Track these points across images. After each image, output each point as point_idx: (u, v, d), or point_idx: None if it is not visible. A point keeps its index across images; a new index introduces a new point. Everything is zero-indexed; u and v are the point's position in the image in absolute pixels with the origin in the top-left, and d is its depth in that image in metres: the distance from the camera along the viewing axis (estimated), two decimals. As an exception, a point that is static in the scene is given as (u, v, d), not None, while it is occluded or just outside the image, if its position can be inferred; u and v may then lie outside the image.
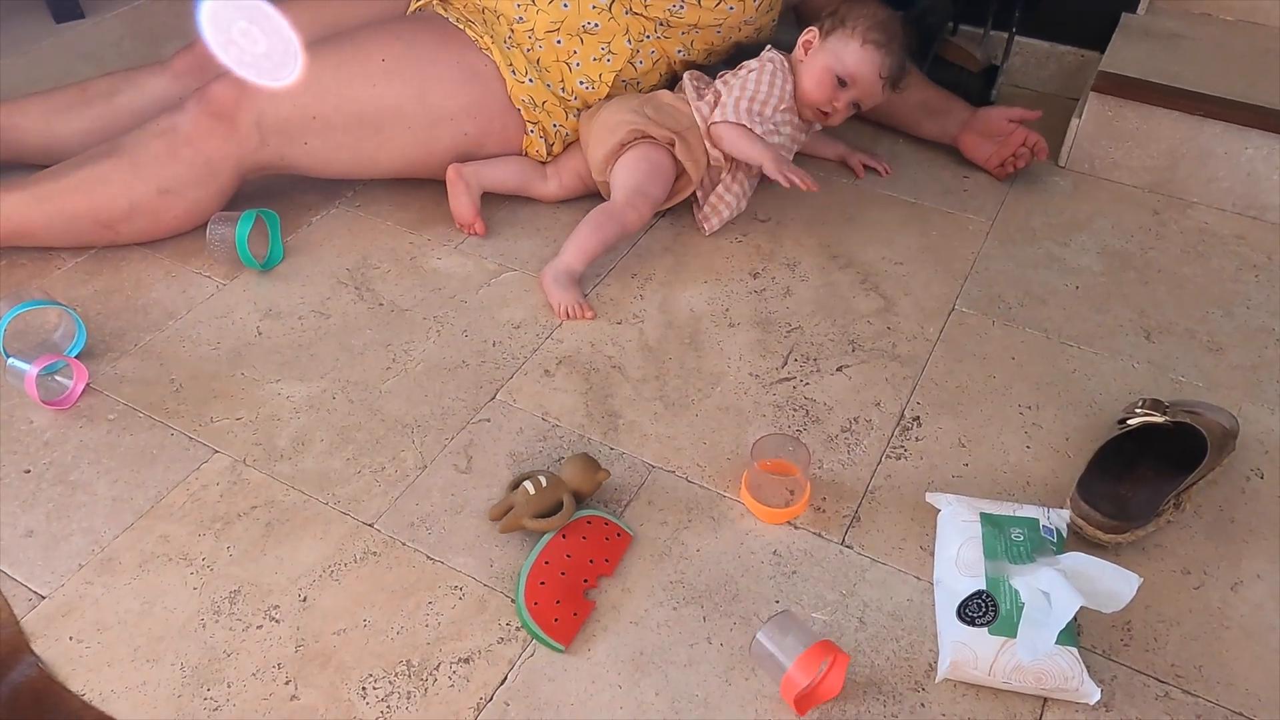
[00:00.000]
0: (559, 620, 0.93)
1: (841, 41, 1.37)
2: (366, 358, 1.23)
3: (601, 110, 1.42)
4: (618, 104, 1.41)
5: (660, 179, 1.38)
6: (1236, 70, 1.52)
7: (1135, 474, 1.06)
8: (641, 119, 1.38)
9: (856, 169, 1.56)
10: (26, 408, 1.15)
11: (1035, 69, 1.81)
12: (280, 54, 1.31)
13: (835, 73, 1.37)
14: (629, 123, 1.37)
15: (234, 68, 1.31)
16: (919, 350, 1.26)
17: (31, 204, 1.30)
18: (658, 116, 1.39)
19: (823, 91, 1.39)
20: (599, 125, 1.40)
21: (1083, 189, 1.56)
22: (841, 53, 1.37)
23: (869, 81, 1.38)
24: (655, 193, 1.37)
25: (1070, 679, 0.86)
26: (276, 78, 1.30)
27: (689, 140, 1.39)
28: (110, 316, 1.28)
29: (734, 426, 1.15)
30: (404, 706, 0.88)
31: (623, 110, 1.39)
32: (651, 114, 1.39)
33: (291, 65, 1.30)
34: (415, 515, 1.04)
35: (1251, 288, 1.38)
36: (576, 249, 1.32)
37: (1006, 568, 0.92)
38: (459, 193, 1.39)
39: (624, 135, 1.37)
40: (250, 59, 1.31)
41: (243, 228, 1.31)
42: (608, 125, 1.39)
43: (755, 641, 0.88)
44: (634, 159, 1.38)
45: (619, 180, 1.38)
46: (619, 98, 1.44)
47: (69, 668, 0.90)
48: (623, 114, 1.39)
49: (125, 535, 1.02)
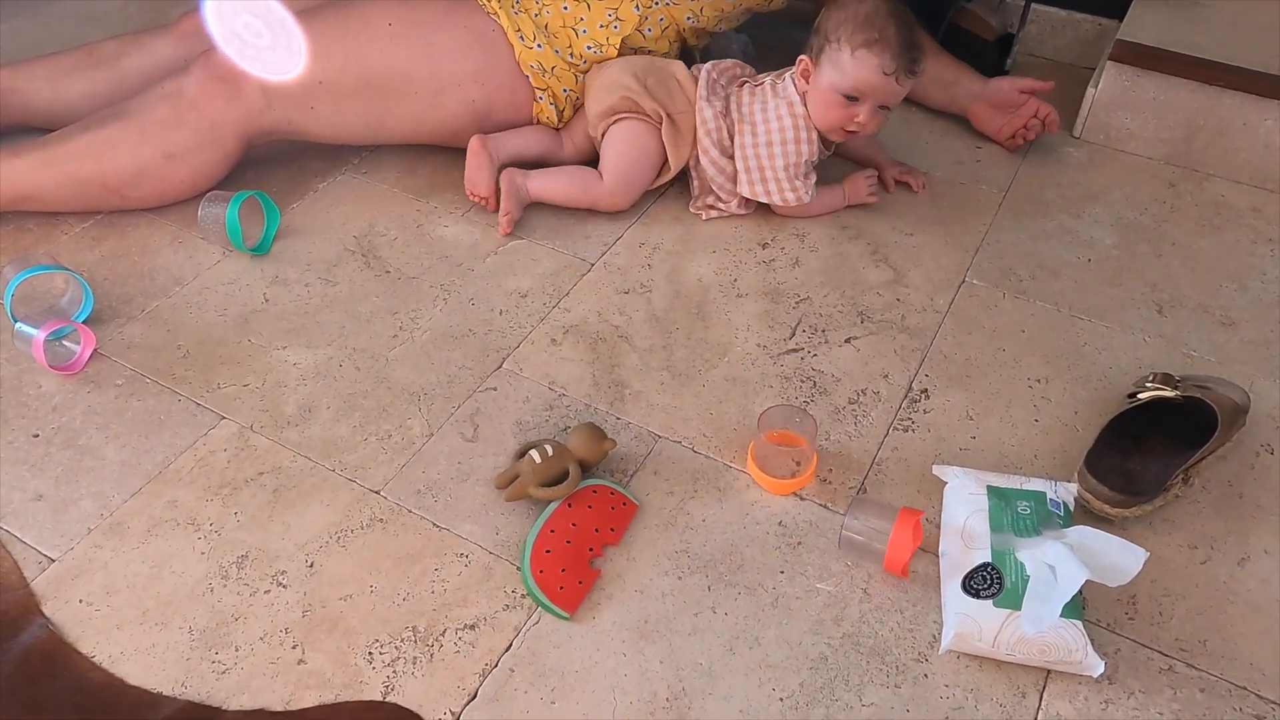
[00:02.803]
0: (564, 588, 0.93)
1: (832, 59, 1.27)
2: (373, 325, 1.23)
3: (605, 67, 1.39)
4: (623, 64, 1.38)
5: (647, 164, 1.37)
6: (1258, 40, 1.50)
7: (1144, 448, 1.05)
8: (638, 88, 1.34)
9: (888, 184, 1.45)
10: (35, 372, 1.15)
11: (1051, 37, 1.78)
12: (285, 46, 1.29)
13: (840, 92, 1.28)
14: (625, 88, 1.34)
15: (238, 61, 1.29)
16: (928, 322, 1.25)
17: (38, 168, 1.29)
18: (657, 89, 1.35)
19: (835, 114, 1.30)
20: (599, 82, 1.38)
21: (1097, 160, 1.54)
22: (837, 70, 1.27)
23: (877, 86, 1.27)
24: (640, 180, 1.38)
25: (1074, 652, 0.86)
26: (281, 71, 1.29)
27: (678, 125, 1.35)
28: (117, 282, 1.28)
29: (741, 397, 1.15)
30: (410, 672, 0.88)
31: (625, 73, 1.36)
32: (652, 84, 1.35)
33: (296, 57, 1.28)
34: (422, 483, 1.04)
35: (1266, 261, 1.36)
36: (545, 186, 1.36)
37: (1012, 540, 0.92)
38: (482, 164, 1.36)
39: (616, 101, 1.35)
40: (255, 52, 1.30)
41: (233, 208, 1.28)
42: (605, 84, 1.37)
43: (843, 537, 0.96)
44: (623, 137, 1.36)
45: (608, 159, 1.37)
46: (627, 57, 1.40)
47: (78, 630, 0.91)
48: (623, 76, 1.35)
49: (134, 500, 1.02)
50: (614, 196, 1.37)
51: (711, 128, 1.35)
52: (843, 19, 1.26)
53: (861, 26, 1.25)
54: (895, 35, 1.25)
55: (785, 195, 1.34)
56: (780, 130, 1.32)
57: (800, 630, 0.92)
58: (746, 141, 1.33)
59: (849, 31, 1.25)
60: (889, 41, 1.25)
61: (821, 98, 1.30)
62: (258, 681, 0.88)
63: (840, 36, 1.26)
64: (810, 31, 1.31)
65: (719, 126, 1.35)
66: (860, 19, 1.25)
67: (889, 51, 1.25)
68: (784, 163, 1.32)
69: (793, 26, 1.77)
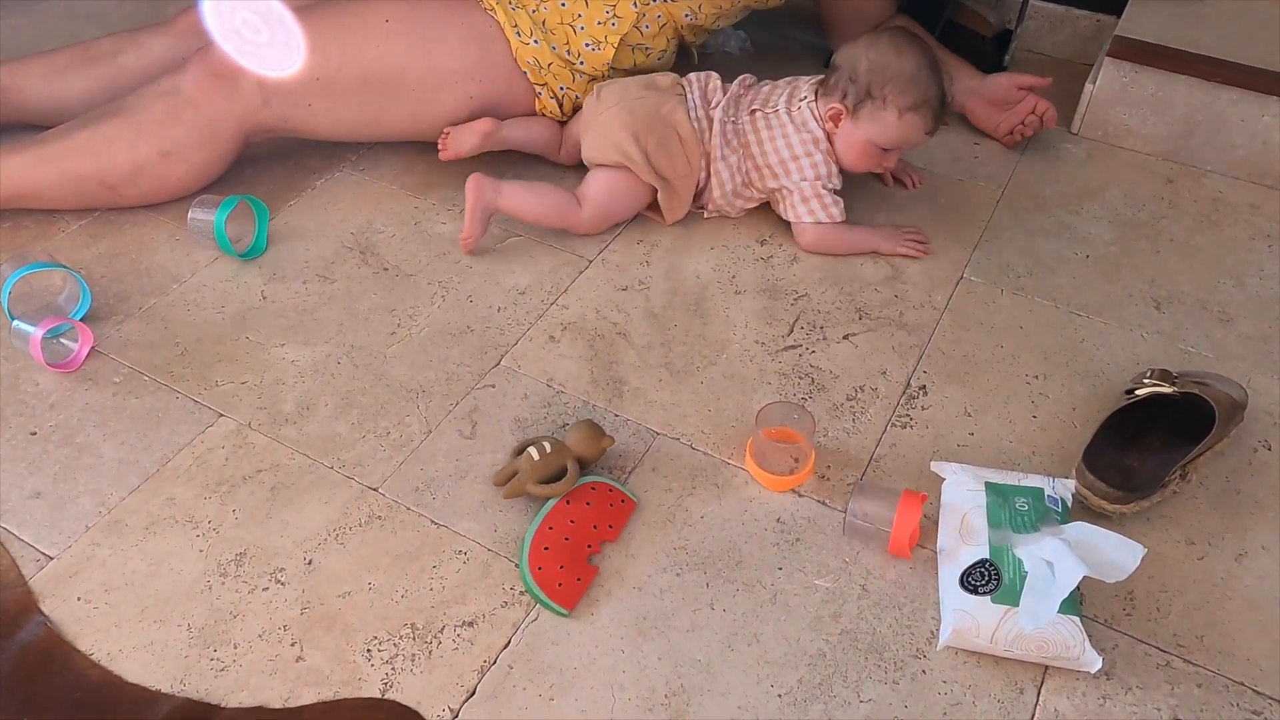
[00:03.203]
0: (562, 585, 0.93)
1: (875, 116, 1.25)
2: (371, 322, 1.22)
3: (605, 113, 1.31)
4: (623, 116, 1.29)
5: (632, 205, 1.34)
6: (1256, 36, 1.49)
7: (1142, 445, 1.05)
8: (638, 156, 1.28)
9: (886, 179, 1.45)
10: (32, 370, 1.15)
11: (1050, 33, 1.78)
12: (282, 42, 1.29)
13: (878, 145, 1.27)
14: (624, 154, 1.28)
15: (236, 58, 1.29)
16: (926, 319, 1.25)
17: (35, 165, 1.29)
18: (658, 154, 1.29)
19: (868, 162, 1.30)
20: (597, 129, 1.31)
21: (1095, 157, 1.54)
22: (880, 128, 1.25)
23: (915, 143, 1.29)
24: (620, 216, 1.35)
25: (1072, 648, 0.86)
26: (279, 67, 1.28)
27: (676, 188, 1.32)
28: (114, 279, 1.27)
29: (739, 394, 1.15)
30: (408, 669, 0.88)
31: (624, 130, 1.28)
32: (653, 148, 1.28)
33: (294, 54, 1.28)
34: (420, 480, 1.04)
35: (1264, 257, 1.36)
36: (518, 202, 1.30)
37: (1010, 537, 0.92)
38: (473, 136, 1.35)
39: (613, 163, 1.30)
40: (252, 48, 1.29)
41: (221, 214, 1.26)
42: (603, 138, 1.30)
43: (848, 523, 0.98)
44: (615, 180, 1.31)
45: (593, 192, 1.32)
46: (629, 102, 1.31)
47: (77, 628, 0.91)
48: (623, 135, 1.28)
49: (132, 497, 1.02)
50: (589, 226, 1.33)
51: (726, 181, 1.33)
52: (887, 77, 1.23)
53: (908, 88, 1.23)
54: (938, 96, 1.25)
55: (832, 212, 1.30)
56: (813, 166, 1.30)
57: (798, 627, 0.92)
58: (784, 182, 1.31)
59: (895, 92, 1.23)
60: (933, 104, 1.25)
61: (858, 148, 1.28)
62: (256, 679, 0.88)
63: (886, 96, 1.23)
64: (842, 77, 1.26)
65: (735, 182, 1.33)
66: (905, 79, 1.23)
67: (933, 114, 1.26)
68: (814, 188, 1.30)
69: (791, 25, 1.77)
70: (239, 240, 1.30)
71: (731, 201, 1.35)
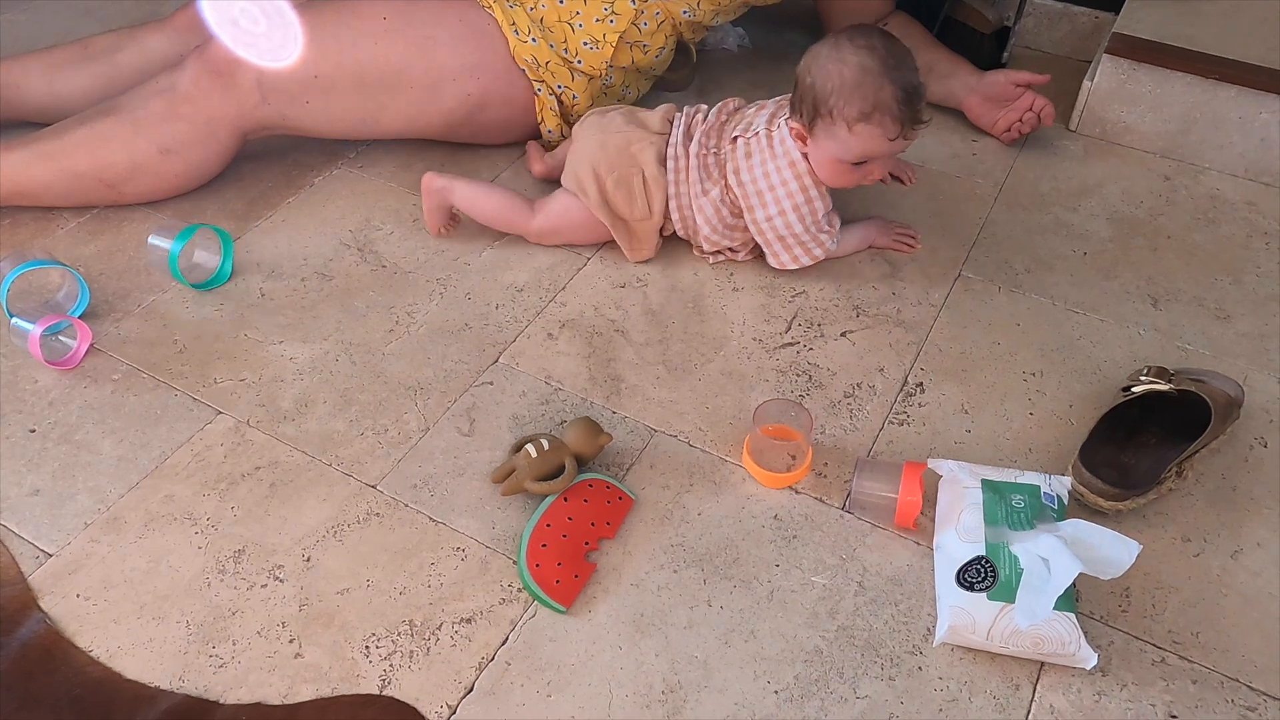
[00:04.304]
0: (560, 582, 0.94)
1: (829, 132, 1.14)
2: (369, 320, 1.23)
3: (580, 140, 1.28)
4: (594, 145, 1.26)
5: (585, 235, 1.31)
6: (1255, 33, 1.49)
7: (1138, 442, 1.06)
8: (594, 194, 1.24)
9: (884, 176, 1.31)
10: (31, 367, 1.15)
11: (1048, 30, 1.78)
12: (281, 37, 1.29)
13: (844, 161, 1.17)
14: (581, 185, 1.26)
15: (235, 52, 1.29)
16: (924, 316, 1.25)
17: (33, 162, 1.29)
18: (615, 194, 1.24)
19: (846, 178, 1.19)
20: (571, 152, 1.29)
21: (1093, 153, 1.54)
22: (837, 144, 1.15)
23: (884, 151, 1.16)
24: (571, 240, 1.32)
25: (1067, 644, 0.87)
26: (277, 58, 1.28)
27: (634, 230, 1.28)
28: (113, 277, 1.28)
29: (737, 391, 1.15)
30: (406, 665, 0.89)
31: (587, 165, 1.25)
32: (610, 187, 1.24)
33: (292, 48, 1.28)
34: (418, 477, 1.05)
35: (1261, 255, 1.36)
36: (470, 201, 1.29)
37: (1007, 534, 0.93)
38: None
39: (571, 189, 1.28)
40: (251, 39, 1.29)
41: (178, 244, 1.21)
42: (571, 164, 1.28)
43: (851, 500, 1.01)
44: (570, 206, 1.28)
45: (551, 206, 1.29)
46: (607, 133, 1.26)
47: (76, 625, 0.91)
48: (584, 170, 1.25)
49: (130, 494, 1.02)
50: (537, 236, 1.31)
51: (714, 220, 1.25)
52: (829, 89, 1.12)
53: (852, 96, 1.11)
54: (891, 96, 1.11)
55: (814, 253, 1.25)
56: (789, 196, 1.20)
57: (795, 623, 0.93)
58: (759, 216, 1.22)
59: (840, 104, 1.12)
60: (886, 106, 1.11)
61: (828, 166, 1.18)
62: (255, 675, 0.88)
63: (832, 109, 1.12)
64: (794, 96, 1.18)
65: (720, 215, 1.25)
66: (849, 88, 1.11)
67: (889, 116, 1.11)
68: (802, 226, 1.22)
69: (789, 29, 1.77)
70: (196, 268, 1.26)
71: (727, 235, 1.27)
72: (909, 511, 0.99)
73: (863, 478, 1.01)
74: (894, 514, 0.99)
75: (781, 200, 1.21)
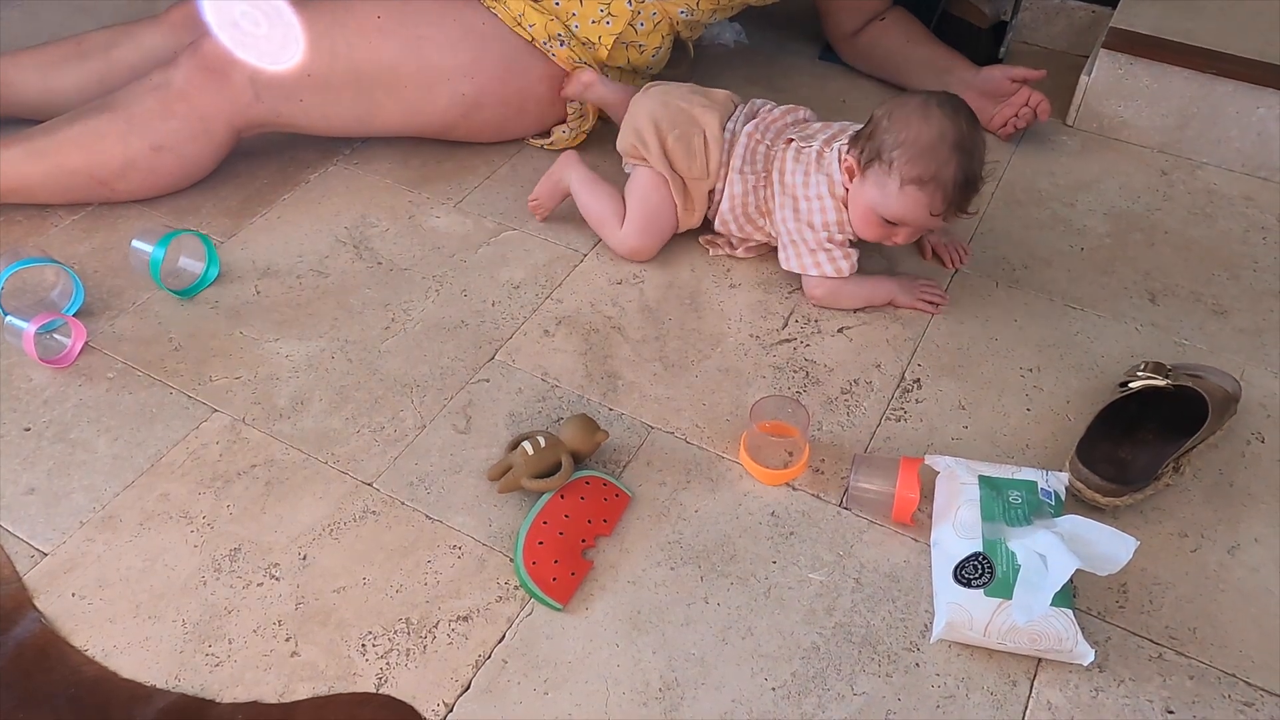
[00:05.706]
0: (557, 579, 0.94)
1: (879, 180, 1.12)
2: (365, 317, 1.22)
3: (644, 95, 1.30)
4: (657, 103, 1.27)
5: (666, 214, 1.28)
6: (1251, 28, 1.49)
7: (1135, 437, 1.06)
8: (654, 145, 1.24)
9: (924, 250, 1.32)
10: (25, 366, 1.15)
11: (1045, 25, 1.78)
12: (276, 35, 1.28)
13: (879, 214, 1.14)
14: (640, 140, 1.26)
15: (234, 50, 1.28)
16: (920, 312, 1.25)
17: (27, 159, 1.29)
18: (675, 149, 1.24)
19: (872, 231, 1.17)
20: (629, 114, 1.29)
21: (1090, 149, 1.54)
22: (881, 194, 1.12)
23: (921, 223, 1.14)
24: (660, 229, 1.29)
25: (1065, 640, 0.87)
26: (271, 60, 1.27)
27: (689, 190, 1.27)
28: (108, 274, 1.27)
29: (733, 388, 1.15)
30: (403, 663, 0.89)
31: (648, 119, 1.26)
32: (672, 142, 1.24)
33: (287, 47, 1.27)
34: (414, 475, 1.04)
35: (1259, 250, 1.36)
36: (577, 188, 1.30)
37: (1004, 530, 0.92)
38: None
39: (628, 147, 1.28)
40: (251, 40, 1.29)
41: (159, 249, 1.20)
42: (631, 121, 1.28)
43: (848, 496, 1.01)
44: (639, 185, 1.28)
45: (629, 205, 1.28)
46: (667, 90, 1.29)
47: (71, 624, 0.91)
48: (646, 122, 1.26)
49: (126, 493, 1.02)
50: (627, 245, 1.28)
51: (739, 202, 1.25)
52: (902, 139, 1.10)
53: (918, 157, 1.09)
54: (952, 176, 1.09)
55: (825, 269, 1.20)
56: (822, 211, 1.19)
57: (792, 620, 0.93)
58: (787, 215, 1.21)
59: (904, 159, 1.10)
60: (943, 184, 1.09)
61: (860, 212, 1.16)
62: (251, 674, 0.88)
63: (893, 160, 1.10)
64: (864, 130, 1.16)
65: (745, 202, 1.25)
66: (920, 147, 1.09)
67: (940, 193, 1.10)
68: (823, 236, 1.20)
69: (789, 20, 1.76)
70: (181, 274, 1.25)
71: (740, 223, 1.27)
72: (906, 507, 0.98)
73: (860, 474, 1.01)
74: (891, 510, 0.99)
75: (813, 213, 1.20)
